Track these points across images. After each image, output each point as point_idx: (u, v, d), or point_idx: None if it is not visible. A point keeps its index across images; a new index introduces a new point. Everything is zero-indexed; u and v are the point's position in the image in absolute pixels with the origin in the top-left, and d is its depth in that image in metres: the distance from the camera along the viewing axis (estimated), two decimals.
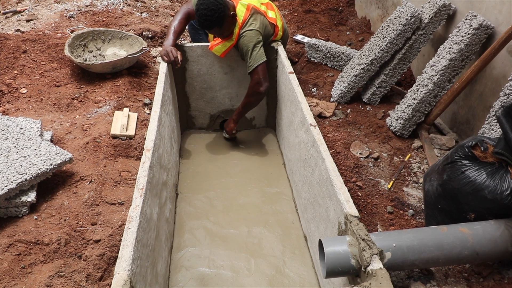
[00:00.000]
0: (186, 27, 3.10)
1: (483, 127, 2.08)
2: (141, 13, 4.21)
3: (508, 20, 2.15)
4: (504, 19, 2.19)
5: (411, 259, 1.43)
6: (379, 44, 2.77)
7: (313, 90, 3.14)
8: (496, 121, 1.99)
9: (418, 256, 1.43)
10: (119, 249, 1.31)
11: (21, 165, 1.94)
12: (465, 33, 2.32)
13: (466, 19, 2.36)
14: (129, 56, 3.01)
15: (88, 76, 3.06)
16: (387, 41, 2.70)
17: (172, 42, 2.53)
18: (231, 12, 2.50)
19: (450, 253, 1.45)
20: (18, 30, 3.63)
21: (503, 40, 2.11)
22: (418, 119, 2.53)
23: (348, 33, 3.88)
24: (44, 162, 1.99)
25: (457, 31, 2.39)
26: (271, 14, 2.75)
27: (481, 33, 2.28)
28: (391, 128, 2.59)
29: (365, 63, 2.79)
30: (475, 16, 2.30)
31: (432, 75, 2.44)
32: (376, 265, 1.30)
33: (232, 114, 3.07)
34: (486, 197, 1.56)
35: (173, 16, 4.23)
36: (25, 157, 2.00)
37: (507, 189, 1.53)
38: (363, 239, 1.35)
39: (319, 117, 2.80)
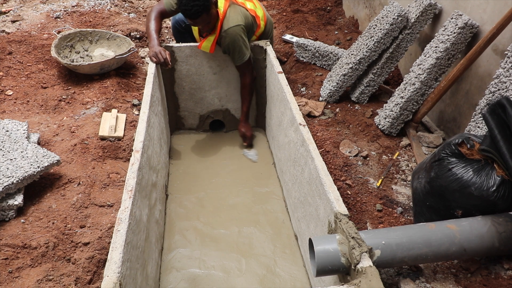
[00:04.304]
0: (171, 31, 3.09)
1: (469, 124, 2.11)
2: (129, 13, 4.18)
3: (493, 19, 2.18)
4: (488, 18, 2.22)
5: (400, 256, 1.44)
6: (367, 44, 2.79)
7: (302, 89, 3.15)
8: (481, 118, 2.02)
9: (407, 253, 1.45)
10: (108, 252, 1.30)
11: (8, 168, 1.92)
12: (451, 32, 2.35)
13: (451, 18, 2.39)
14: (117, 57, 2.98)
15: (76, 77, 3.03)
16: (375, 40, 2.72)
17: (158, 42, 2.52)
18: None
19: (438, 249, 1.47)
20: (3, 31, 3.57)
21: (487, 39, 2.15)
22: (406, 118, 2.55)
23: (336, 32, 3.90)
24: (31, 164, 1.96)
25: (443, 30, 2.42)
26: (249, 5, 2.73)
27: (467, 32, 2.31)
28: (380, 126, 2.61)
29: (353, 63, 2.81)
30: (461, 15, 2.34)
31: (419, 74, 2.47)
32: (366, 262, 1.31)
33: (219, 114, 3.05)
34: (472, 193, 1.59)
35: None
36: (11, 159, 1.97)
37: (493, 186, 1.56)
38: (352, 237, 1.36)
39: (308, 116, 2.81)
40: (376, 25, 2.81)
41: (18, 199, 1.89)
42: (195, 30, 2.80)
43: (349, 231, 1.39)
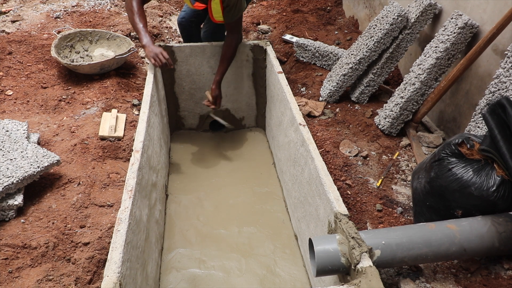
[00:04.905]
0: (171, 30, 3.02)
1: (469, 124, 2.11)
2: None
3: (493, 19, 2.18)
4: (488, 18, 2.22)
5: (400, 256, 1.44)
6: (366, 44, 2.79)
7: (302, 89, 3.15)
8: (481, 118, 2.02)
9: (407, 253, 1.45)
10: (108, 252, 1.30)
11: (7, 168, 1.92)
12: (451, 32, 2.35)
13: (451, 18, 2.39)
14: (117, 57, 2.98)
15: (76, 77, 3.03)
16: (375, 40, 2.72)
17: (152, 40, 2.38)
18: None
19: (438, 249, 1.47)
20: (3, 31, 3.57)
21: (487, 39, 2.15)
22: (406, 118, 2.55)
23: (336, 32, 3.90)
24: (31, 164, 1.96)
25: (443, 30, 2.42)
26: None
27: (467, 32, 2.31)
28: (380, 126, 2.61)
29: (353, 63, 2.81)
30: (461, 15, 2.34)
31: (419, 74, 2.47)
32: (366, 262, 1.31)
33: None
34: (472, 193, 1.59)
35: (161, 16, 4.21)
36: (11, 159, 1.97)
37: (493, 186, 1.56)
38: (352, 237, 1.36)
39: (308, 116, 2.81)
40: (376, 25, 2.81)
41: (18, 199, 1.89)
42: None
43: (349, 231, 1.39)
